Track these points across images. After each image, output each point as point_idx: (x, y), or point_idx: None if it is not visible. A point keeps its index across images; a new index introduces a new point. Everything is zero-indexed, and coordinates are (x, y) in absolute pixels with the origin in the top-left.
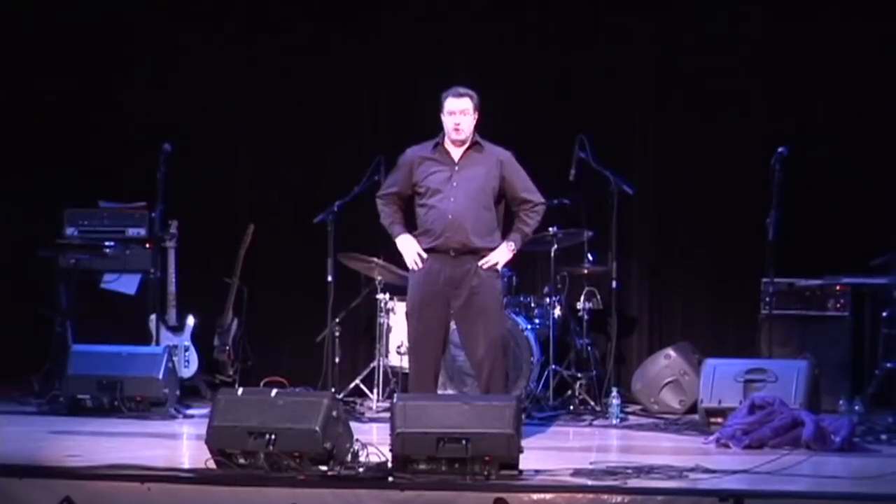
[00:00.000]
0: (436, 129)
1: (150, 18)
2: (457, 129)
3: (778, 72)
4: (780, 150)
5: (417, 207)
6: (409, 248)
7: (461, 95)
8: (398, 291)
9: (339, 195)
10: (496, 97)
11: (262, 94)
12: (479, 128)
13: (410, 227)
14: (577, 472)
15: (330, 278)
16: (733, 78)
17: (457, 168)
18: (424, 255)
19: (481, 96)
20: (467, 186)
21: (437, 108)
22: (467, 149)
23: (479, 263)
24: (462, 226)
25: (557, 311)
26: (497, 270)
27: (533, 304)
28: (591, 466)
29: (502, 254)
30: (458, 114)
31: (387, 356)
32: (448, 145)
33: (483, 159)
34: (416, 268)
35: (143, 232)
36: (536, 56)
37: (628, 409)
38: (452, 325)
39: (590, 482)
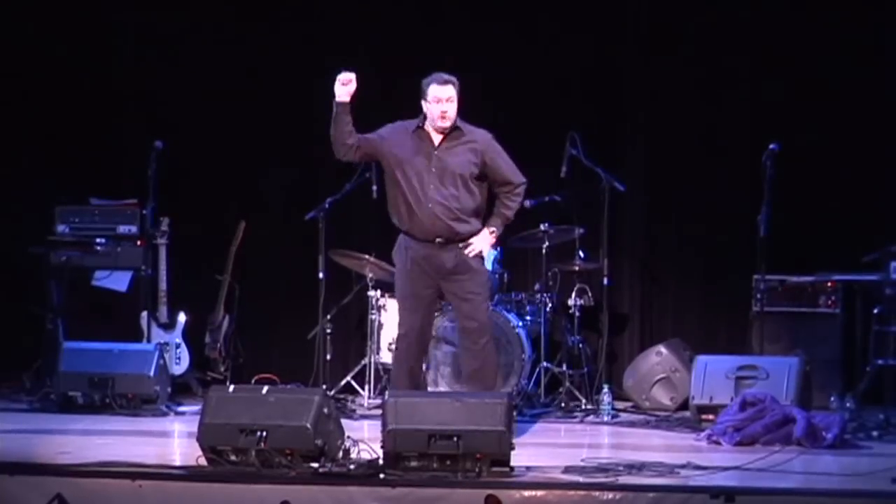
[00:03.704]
0: None
1: (142, 15)
2: (443, 117)
3: (770, 68)
4: (771, 146)
5: (395, 194)
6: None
7: (446, 82)
8: (389, 288)
9: (330, 192)
10: (487, 93)
11: (252, 91)
12: (460, 113)
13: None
14: (568, 469)
15: (321, 275)
16: (725, 74)
17: (436, 153)
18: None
19: (472, 93)
20: (447, 173)
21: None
22: (447, 134)
23: (465, 250)
24: (443, 214)
25: (549, 308)
26: (481, 256)
27: (524, 301)
28: (582, 463)
29: (485, 240)
30: (445, 101)
31: (378, 353)
32: (429, 129)
33: (462, 144)
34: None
35: (134, 229)
36: (527, 52)
37: (619, 406)
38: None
39: (581, 479)
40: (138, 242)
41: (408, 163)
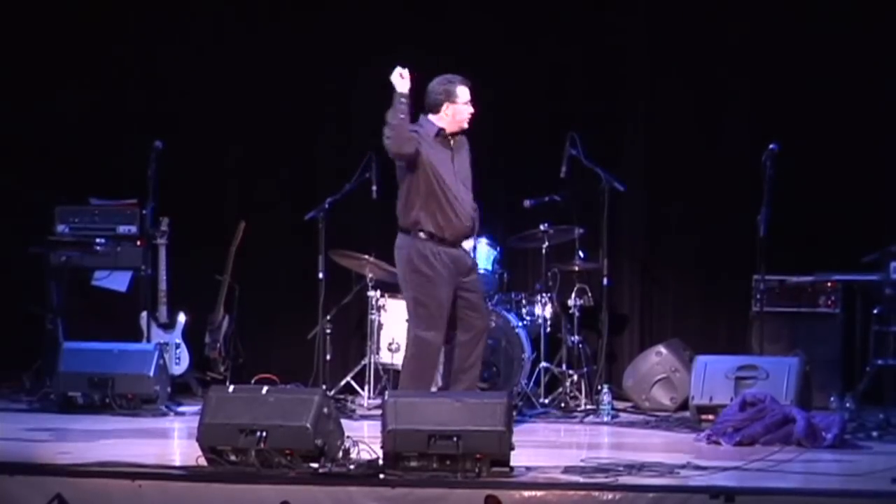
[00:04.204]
0: None
1: (141, 15)
2: (469, 120)
3: (769, 69)
4: (771, 146)
5: (428, 198)
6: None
7: (467, 83)
8: (389, 288)
9: (330, 192)
10: (488, 93)
11: (252, 91)
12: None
13: None
14: (568, 470)
15: (321, 275)
16: (725, 75)
17: (455, 157)
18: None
19: (473, 92)
20: (464, 176)
21: (432, 97)
22: (455, 137)
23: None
24: (474, 215)
25: (548, 309)
26: None
27: (524, 301)
28: (582, 463)
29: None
30: (471, 103)
31: (378, 353)
32: (445, 133)
33: (463, 146)
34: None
35: (134, 229)
36: (528, 52)
37: (619, 407)
38: None
39: (581, 479)
40: (138, 242)
41: (441, 167)
